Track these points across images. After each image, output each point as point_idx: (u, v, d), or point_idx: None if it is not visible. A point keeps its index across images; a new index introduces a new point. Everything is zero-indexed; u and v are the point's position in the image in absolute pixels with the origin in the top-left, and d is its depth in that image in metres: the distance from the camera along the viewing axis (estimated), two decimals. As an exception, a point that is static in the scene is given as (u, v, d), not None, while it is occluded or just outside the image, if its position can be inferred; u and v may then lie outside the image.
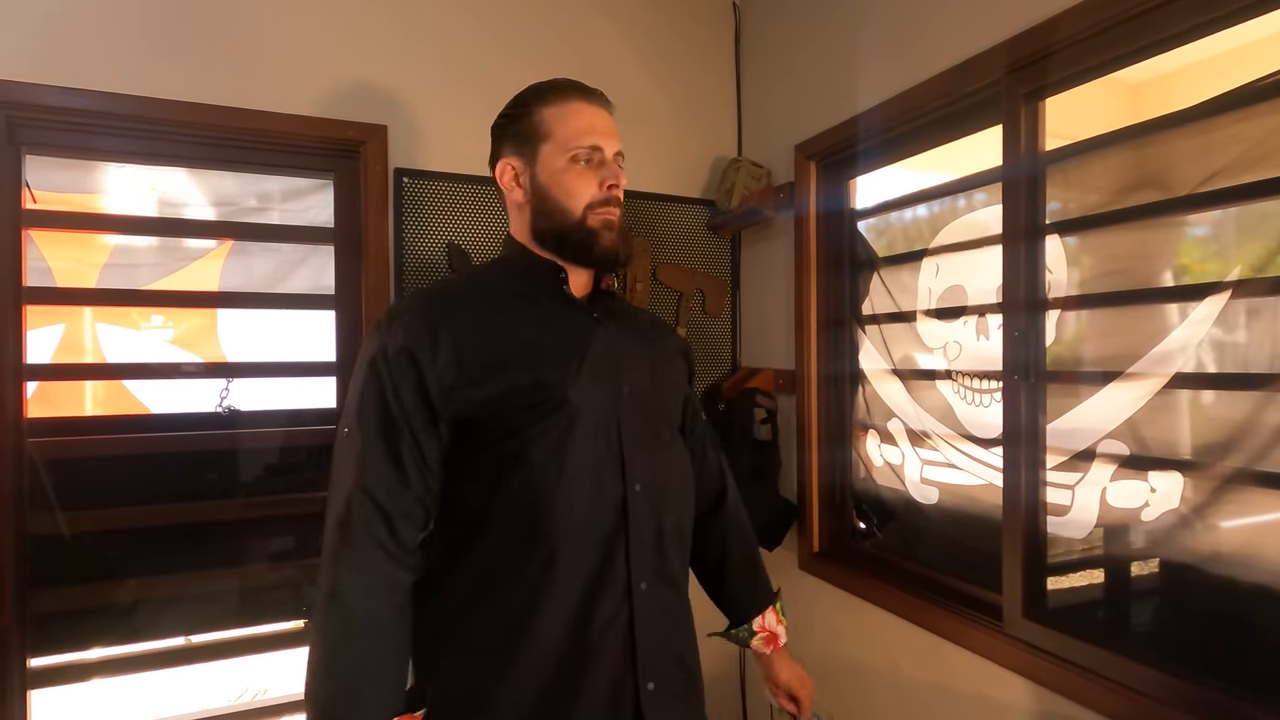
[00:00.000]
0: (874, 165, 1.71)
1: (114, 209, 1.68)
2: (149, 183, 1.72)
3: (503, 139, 1.05)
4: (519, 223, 1.05)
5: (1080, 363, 1.24)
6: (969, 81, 1.33)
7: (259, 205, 1.81)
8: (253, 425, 1.76)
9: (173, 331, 1.85)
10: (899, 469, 1.65)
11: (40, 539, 1.55)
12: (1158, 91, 1.77)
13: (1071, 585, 1.28)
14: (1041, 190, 1.26)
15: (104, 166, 1.69)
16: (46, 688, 1.63)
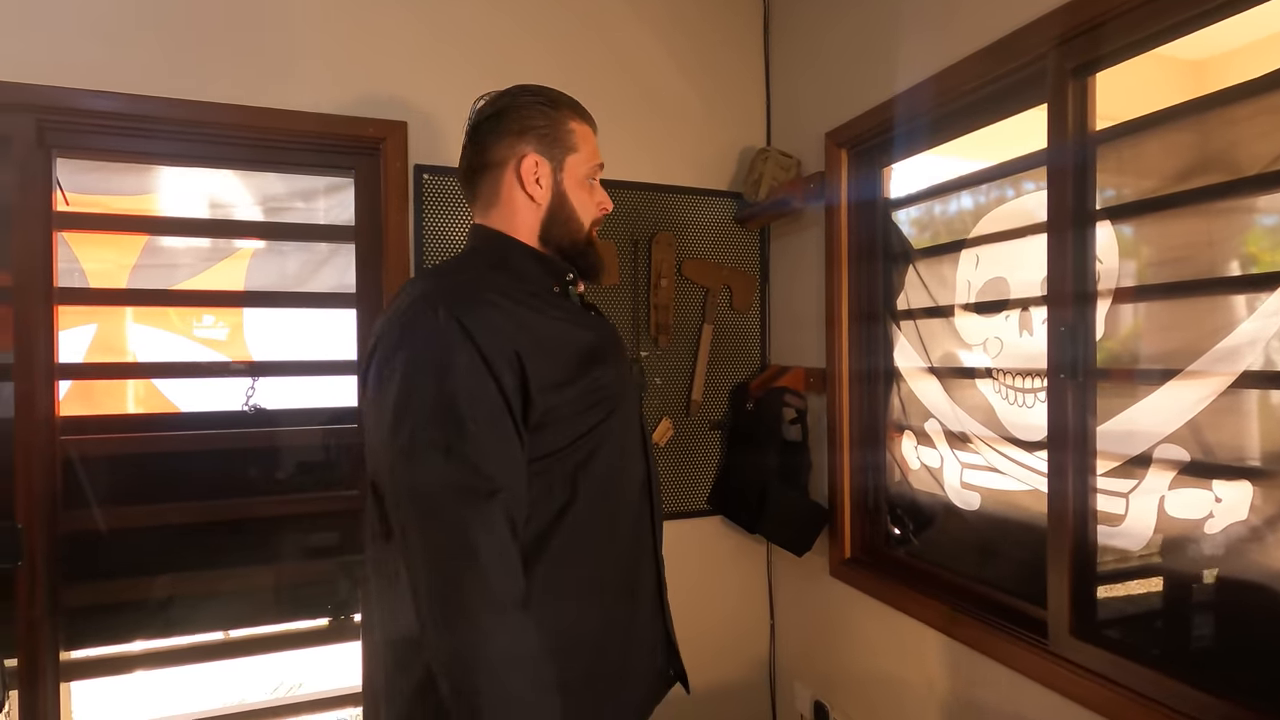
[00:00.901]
0: (908, 152, 1.62)
1: (143, 210, 1.71)
2: (188, 183, 1.74)
3: (528, 132, 0.99)
4: (525, 221, 1.00)
5: (1134, 360, 1.14)
6: (1011, 58, 1.23)
7: (284, 205, 1.82)
8: (278, 424, 1.77)
9: (225, 331, 1.88)
10: (937, 472, 1.56)
11: (72, 535, 1.58)
12: (1222, 69, 1.64)
13: (1125, 602, 1.18)
14: (1091, 173, 1.16)
15: (134, 169, 1.71)
16: (80, 680, 1.67)
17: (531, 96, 1.01)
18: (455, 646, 0.76)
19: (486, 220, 1.01)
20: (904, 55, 1.53)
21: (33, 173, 1.51)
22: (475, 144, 1.01)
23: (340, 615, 1.83)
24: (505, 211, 1.00)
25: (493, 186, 1.00)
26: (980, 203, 1.47)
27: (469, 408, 0.81)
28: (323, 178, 1.81)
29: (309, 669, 2.85)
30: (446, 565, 0.77)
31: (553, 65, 1.85)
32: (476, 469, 0.80)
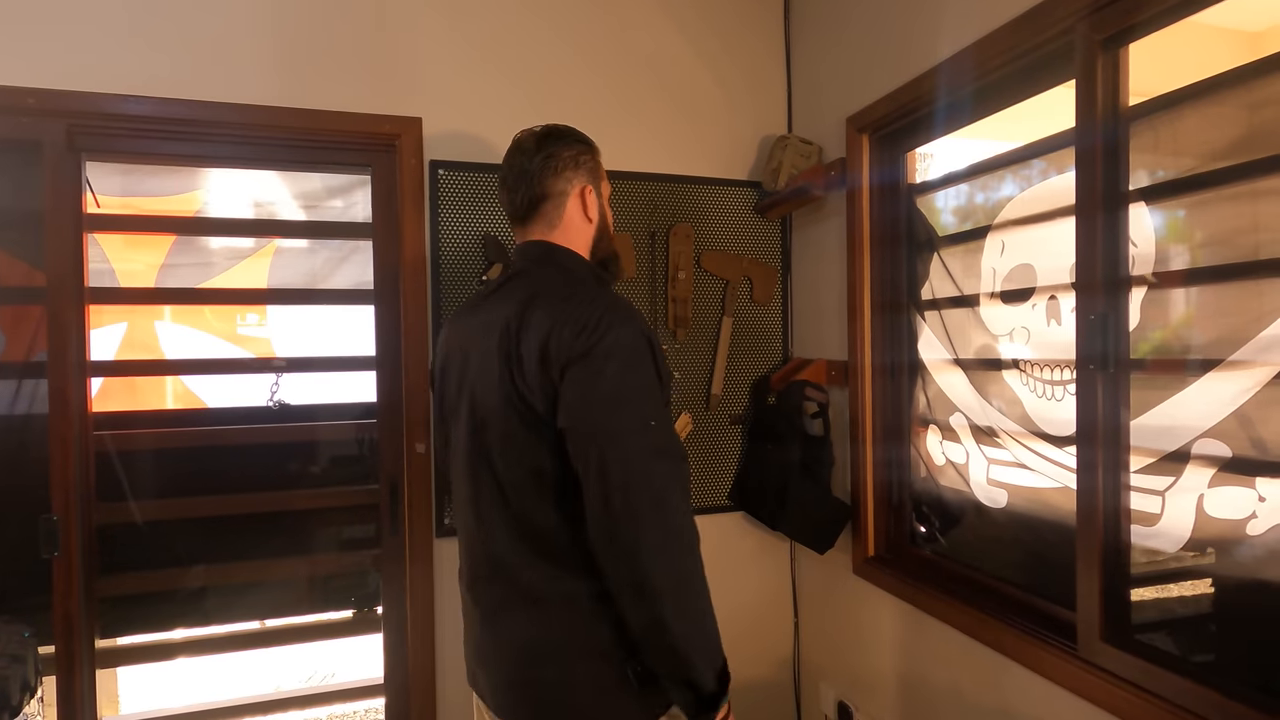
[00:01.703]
0: (931, 135, 1.55)
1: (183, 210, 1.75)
2: (217, 184, 1.79)
3: (580, 168, 1.16)
4: (581, 239, 1.17)
5: (1172, 349, 1.07)
6: (1038, 31, 1.17)
7: (320, 201, 1.85)
8: (301, 419, 1.80)
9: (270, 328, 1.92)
10: (963, 468, 1.50)
11: (106, 527, 1.63)
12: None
13: (1160, 607, 1.11)
14: (1123, 152, 1.09)
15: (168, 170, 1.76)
16: (114, 667, 1.73)
17: (575, 139, 1.17)
18: (689, 572, 0.94)
19: (549, 237, 1.14)
20: (926, 35, 1.46)
21: (63, 176, 1.55)
22: (533, 178, 1.12)
23: (364, 608, 1.86)
24: (569, 231, 1.15)
25: (556, 211, 1.14)
26: (1002, 184, 1.41)
27: (661, 392, 1.00)
28: (343, 175, 1.83)
29: (342, 659, 2.91)
30: (677, 514, 0.93)
31: (570, 57, 1.83)
32: (676, 439, 0.99)
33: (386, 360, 1.76)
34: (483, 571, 1.07)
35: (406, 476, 1.73)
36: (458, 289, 1.75)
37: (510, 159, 1.15)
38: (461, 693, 1.77)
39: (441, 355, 1.19)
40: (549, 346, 0.96)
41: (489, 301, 1.10)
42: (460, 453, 1.10)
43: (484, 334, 1.05)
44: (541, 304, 1.00)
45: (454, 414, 1.13)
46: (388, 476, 1.76)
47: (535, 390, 0.97)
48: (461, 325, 1.15)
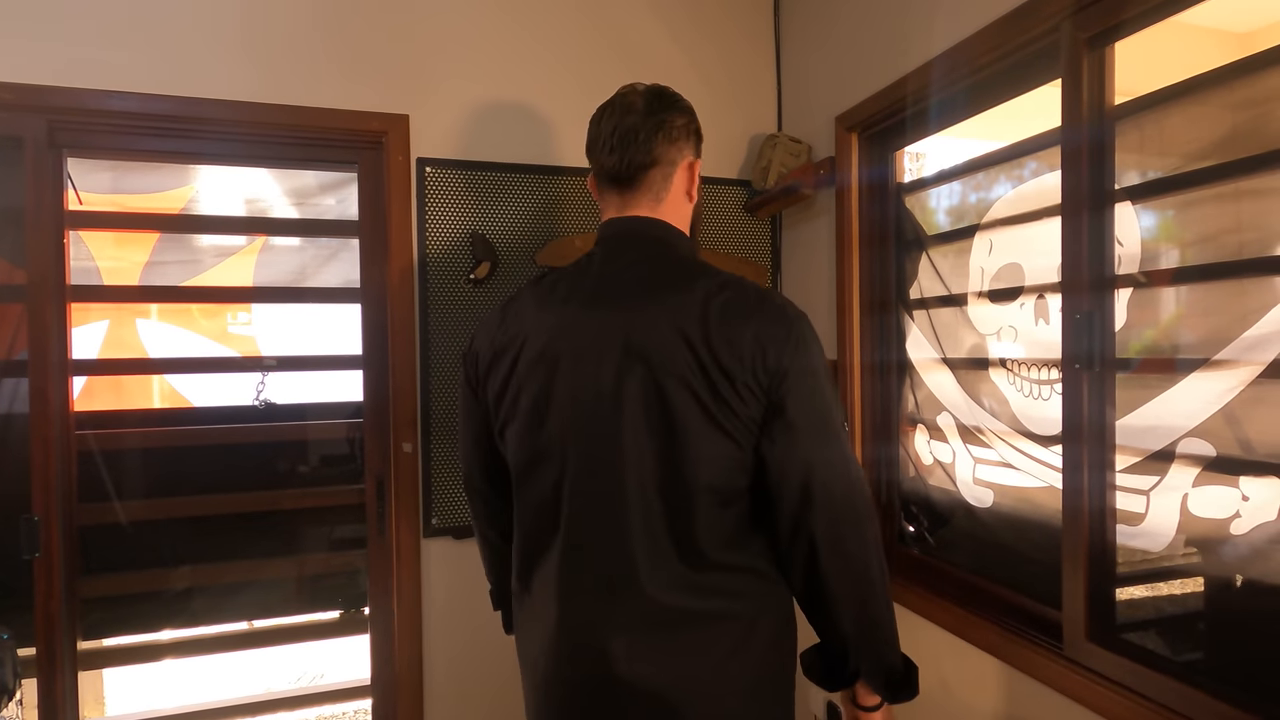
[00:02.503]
0: (920, 134, 1.55)
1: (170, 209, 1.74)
2: (206, 179, 1.77)
3: (692, 137, 1.05)
4: (682, 218, 1.05)
5: (1157, 349, 1.07)
6: (1024, 29, 1.17)
7: (312, 198, 1.84)
8: (287, 418, 1.79)
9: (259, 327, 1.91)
10: (950, 468, 1.50)
11: (89, 527, 1.61)
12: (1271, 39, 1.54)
13: (1145, 606, 1.11)
14: (1109, 151, 1.09)
15: (156, 167, 1.74)
16: (99, 669, 1.71)
17: (685, 105, 1.05)
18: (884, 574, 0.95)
19: (656, 213, 1.01)
20: (915, 34, 1.46)
21: (44, 173, 1.53)
22: (645, 141, 0.99)
23: (351, 608, 1.85)
24: (673, 207, 1.03)
25: (665, 183, 1.02)
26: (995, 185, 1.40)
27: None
28: (331, 173, 1.81)
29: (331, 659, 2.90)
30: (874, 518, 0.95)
31: (556, 53, 1.82)
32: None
33: (373, 359, 1.75)
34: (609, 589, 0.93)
35: (393, 476, 1.72)
36: (445, 288, 1.74)
37: (612, 117, 1.00)
38: (448, 692, 1.76)
39: (525, 348, 0.97)
40: (759, 359, 0.88)
41: (604, 292, 0.95)
42: (582, 461, 0.93)
43: (625, 333, 0.91)
44: (729, 310, 0.90)
45: (538, 415, 0.95)
46: (374, 476, 1.75)
47: (732, 404, 0.88)
48: (566, 317, 0.95)
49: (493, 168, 1.77)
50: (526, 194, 1.80)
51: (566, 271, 1.03)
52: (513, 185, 1.79)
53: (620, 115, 1.00)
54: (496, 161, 1.77)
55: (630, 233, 1.00)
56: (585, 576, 0.94)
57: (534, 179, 1.80)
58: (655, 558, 0.91)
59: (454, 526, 1.75)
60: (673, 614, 0.91)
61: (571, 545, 0.95)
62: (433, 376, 1.73)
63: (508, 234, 1.78)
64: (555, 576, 0.96)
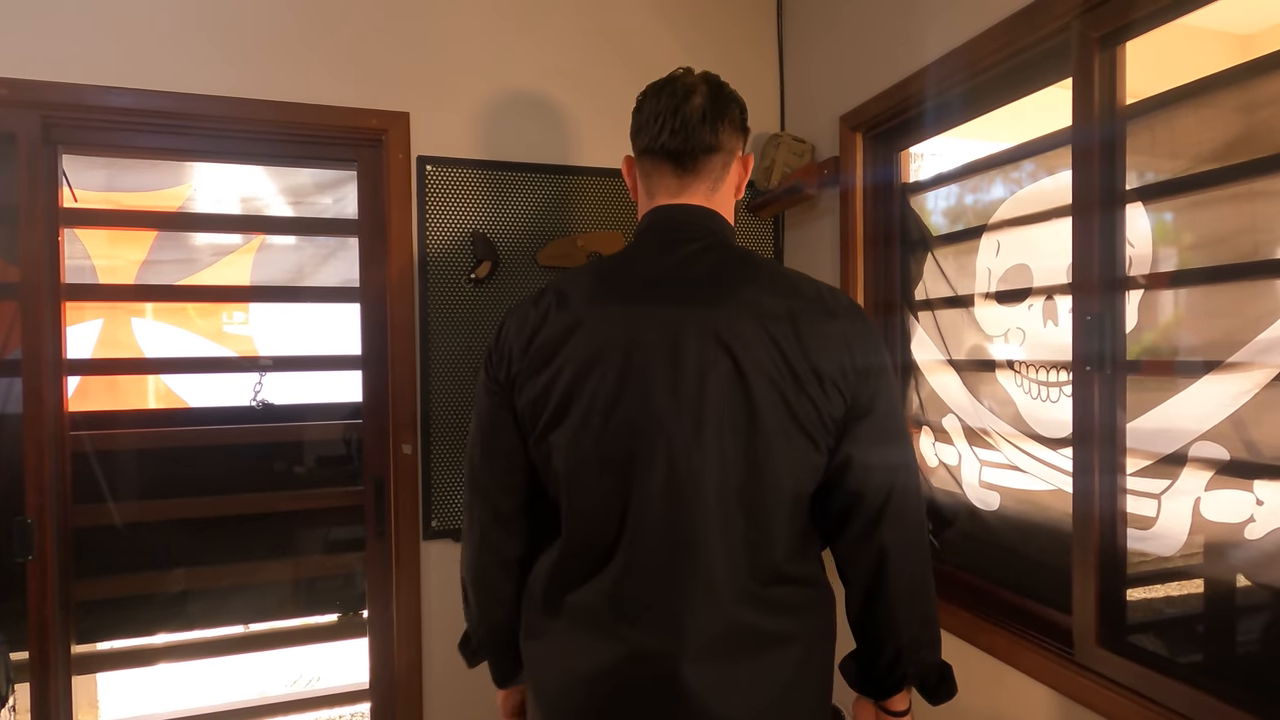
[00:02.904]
0: (926, 134, 1.54)
1: (166, 207, 1.71)
2: (202, 178, 1.75)
3: (744, 130, 1.00)
4: (730, 212, 1.00)
5: (1169, 351, 1.06)
6: (1034, 29, 1.15)
7: (309, 197, 1.82)
8: (285, 419, 1.76)
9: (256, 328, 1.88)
10: (955, 470, 1.49)
11: (83, 530, 1.59)
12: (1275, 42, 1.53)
13: (1157, 611, 1.10)
14: (1120, 151, 1.08)
15: (142, 165, 1.72)
16: (93, 673, 1.69)
17: (740, 97, 1.00)
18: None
19: (710, 203, 0.96)
20: (921, 33, 1.45)
21: (38, 169, 1.51)
22: (707, 123, 0.93)
23: (349, 611, 1.82)
24: (726, 199, 0.99)
25: (722, 171, 0.96)
26: (1001, 186, 1.39)
27: None
28: (330, 171, 1.79)
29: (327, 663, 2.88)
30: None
31: (556, 51, 1.81)
32: None
33: (372, 359, 1.73)
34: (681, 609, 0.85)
35: (393, 478, 1.70)
36: (446, 287, 1.72)
37: (673, 97, 0.93)
38: (447, 696, 1.74)
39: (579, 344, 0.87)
40: (838, 364, 0.86)
41: (674, 285, 0.88)
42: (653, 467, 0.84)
43: (705, 329, 0.85)
44: (814, 308, 0.87)
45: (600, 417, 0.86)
46: (373, 478, 1.73)
47: (819, 407, 0.85)
48: (631, 310, 0.87)
49: (494, 166, 1.75)
50: (528, 193, 1.78)
51: (615, 261, 0.94)
52: (514, 184, 1.77)
53: (683, 96, 0.93)
54: (498, 160, 1.76)
55: (689, 223, 0.94)
56: (654, 594, 0.85)
57: (536, 178, 1.78)
58: (732, 571, 0.85)
59: (454, 529, 1.73)
60: (746, 633, 0.86)
61: (637, 560, 0.86)
62: (433, 377, 1.71)
63: (509, 233, 1.76)
64: (610, 597, 0.87)
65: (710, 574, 0.84)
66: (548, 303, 0.91)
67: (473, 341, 1.73)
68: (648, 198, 0.97)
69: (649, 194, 0.97)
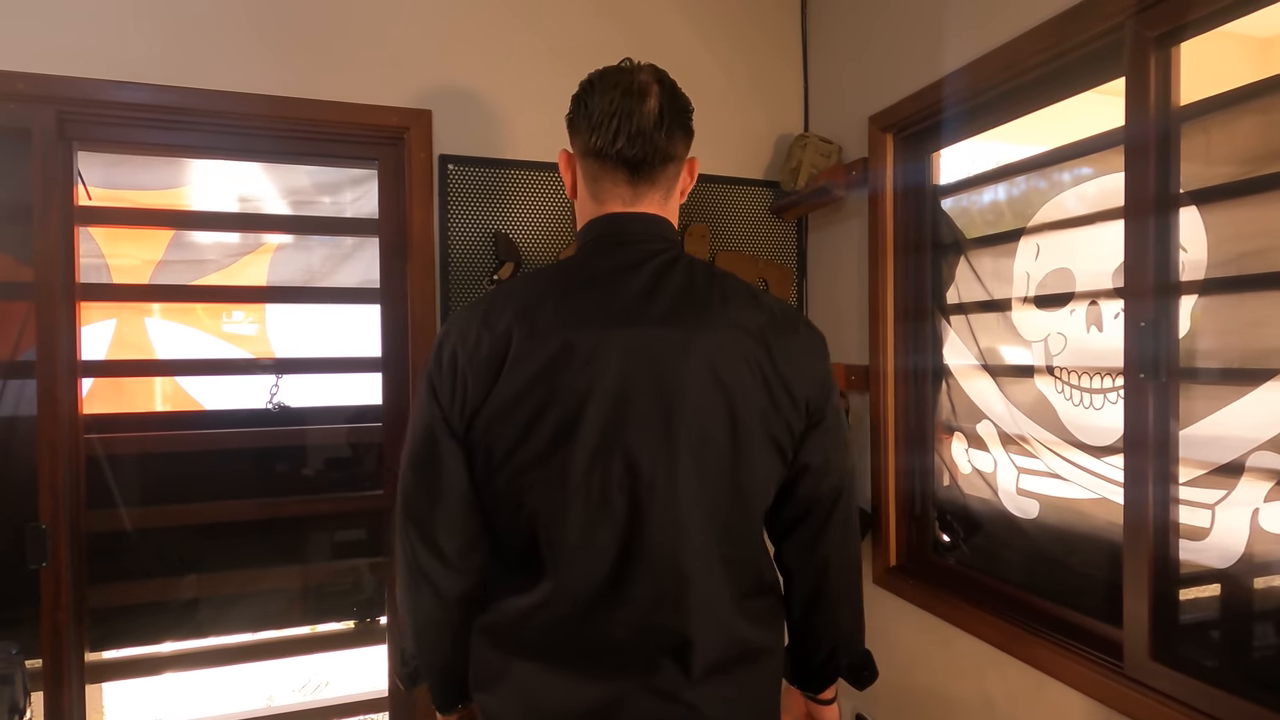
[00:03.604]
0: (961, 135, 1.52)
1: (171, 205, 1.68)
2: (218, 178, 1.71)
3: (691, 136, 0.98)
4: (675, 216, 0.99)
5: (1224, 358, 1.04)
6: (1084, 28, 1.13)
7: (327, 197, 1.78)
8: (302, 422, 1.73)
9: (256, 327, 1.85)
10: (990, 477, 1.46)
11: (97, 535, 1.55)
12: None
13: (1211, 624, 1.07)
14: (1174, 153, 1.06)
15: (160, 162, 1.68)
16: (105, 682, 1.65)
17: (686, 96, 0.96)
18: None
19: (663, 212, 0.92)
20: (958, 31, 1.42)
21: (54, 166, 1.47)
22: (663, 130, 0.88)
23: (366, 618, 1.79)
24: (674, 206, 0.96)
25: (675, 179, 0.94)
26: (1040, 189, 1.37)
27: None
28: (347, 170, 1.76)
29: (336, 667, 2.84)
30: None
31: (576, 48, 1.78)
32: None
33: (393, 361, 1.70)
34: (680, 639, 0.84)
35: (413, 483, 1.67)
36: (468, 289, 1.69)
37: (627, 98, 0.86)
38: (469, 707, 1.71)
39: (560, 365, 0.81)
40: (807, 379, 0.89)
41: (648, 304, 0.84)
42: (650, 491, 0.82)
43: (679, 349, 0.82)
44: (779, 325, 0.88)
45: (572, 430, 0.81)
46: (394, 481, 1.69)
47: (789, 421, 0.88)
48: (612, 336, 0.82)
49: (517, 166, 1.72)
50: (551, 193, 1.75)
51: (574, 275, 0.88)
52: (537, 184, 1.74)
53: (638, 97, 0.86)
54: (521, 160, 1.73)
55: (648, 234, 0.89)
56: (655, 626, 0.83)
57: (559, 178, 1.74)
58: (724, 592, 0.86)
59: (475, 534, 1.69)
60: (738, 649, 0.87)
61: (639, 595, 0.83)
62: (454, 380, 1.67)
63: (532, 234, 1.73)
64: (602, 630, 0.83)
65: (707, 599, 0.85)
66: (506, 323, 0.82)
67: (495, 344, 1.70)
68: (594, 202, 0.91)
69: (596, 199, 0.91)
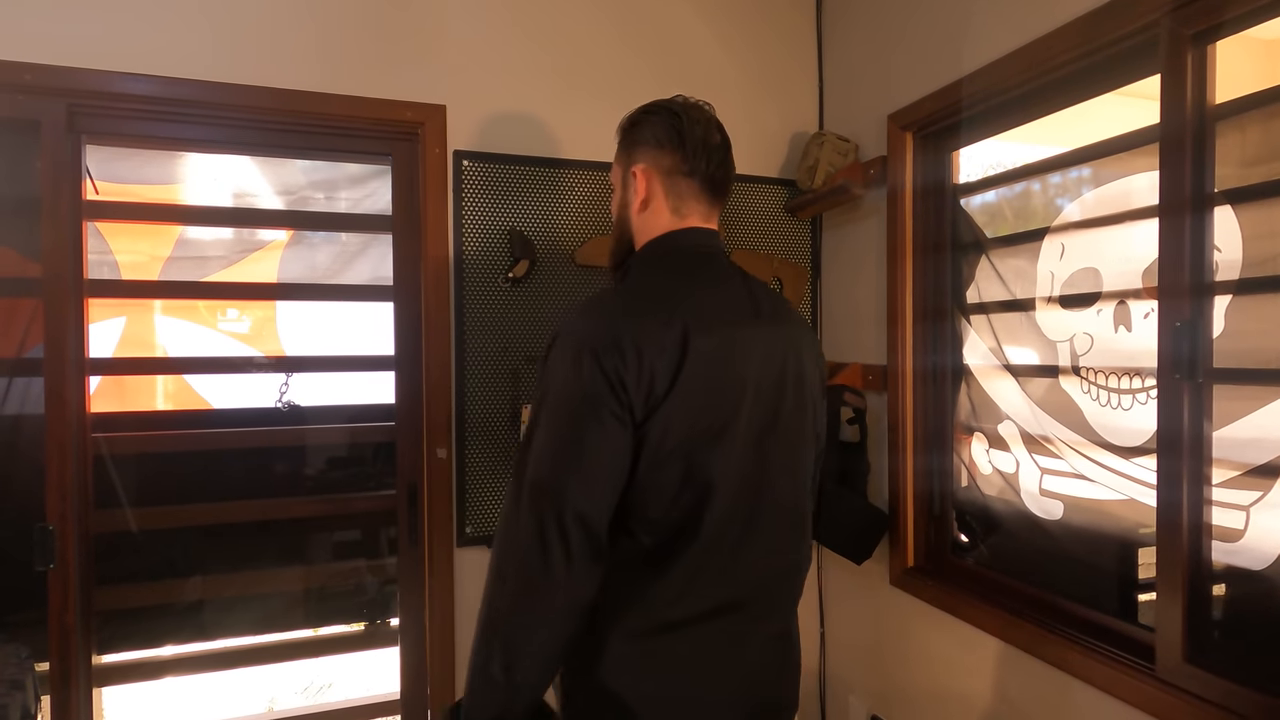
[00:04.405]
0: (983, 134, 1.50)
1: (177, 200, 1.65)
2: (211, 173, 1.68)
3: None
4: None
5: (1258, 359, 1.03)
6: (1117, 25, 1.12)
7: (324, 193, 1.76)
8: (312, 421, 1.71)
9: (248, 324, 1.82)
10: (1012, 478, 1.45)
11: (105, 536, 1.52)
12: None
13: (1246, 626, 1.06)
14: (1210, 152, 1.05)
15: (168, 156, 1.65)
16: (112, 685, 1.62)
17: None
18: None
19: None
20: (982, 28, 1.41)
21: (62, 160, 1.45)
22: (730, 158, 1.07)
23: (376, 620, 1.77)
24: None
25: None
26: (1064, 188, 1.36)
27: None
28: (343, 168, 1.73)
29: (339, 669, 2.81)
30: None
31: (591, 44, 1.76)
32: None
33: (406, 360, 1.67)
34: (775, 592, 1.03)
35: (426, 483, 1.65)
36: (482, 286, 1.67)
37: (711, 129, 1.03)
38: (482, 709, 1.69)
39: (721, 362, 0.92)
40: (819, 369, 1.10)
41: (753, 308, 1.00)
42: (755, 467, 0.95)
43: (769, 346, 0.99)
44: (808, 330, 1.10)
45: (732, 424, 0.92)
46: (406, 483, 1.67)
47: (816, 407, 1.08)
48: (739, 329, 0.95)
49: (532, 162, 1.70)
50: (567, 190, 1.73)
51: (699, 277, 0.99)
52: (553, 181, 1.72)
53: (716, 129, 1.05)
54: (536, 156, 1.71)
55: (720, 248, 1.06)
56: (773, 593, 1.02)
57: (575, 174, 1.74)
58: (799, 568, 1.07)
59: (488, 535, 1.68)
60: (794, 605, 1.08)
61: (763, 571, 0.99)
62: (468, 379, 1.66)
63: (547, 231, 1.71)
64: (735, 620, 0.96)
65: (793, 574, 1.05)
66: (680, 325, 0.89)
67: (509, 342, 1.68)
68: (675, 216, 1.03)
69: (677, 213, 1.03)
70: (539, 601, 0.84)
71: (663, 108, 1.04)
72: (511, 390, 1.69)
